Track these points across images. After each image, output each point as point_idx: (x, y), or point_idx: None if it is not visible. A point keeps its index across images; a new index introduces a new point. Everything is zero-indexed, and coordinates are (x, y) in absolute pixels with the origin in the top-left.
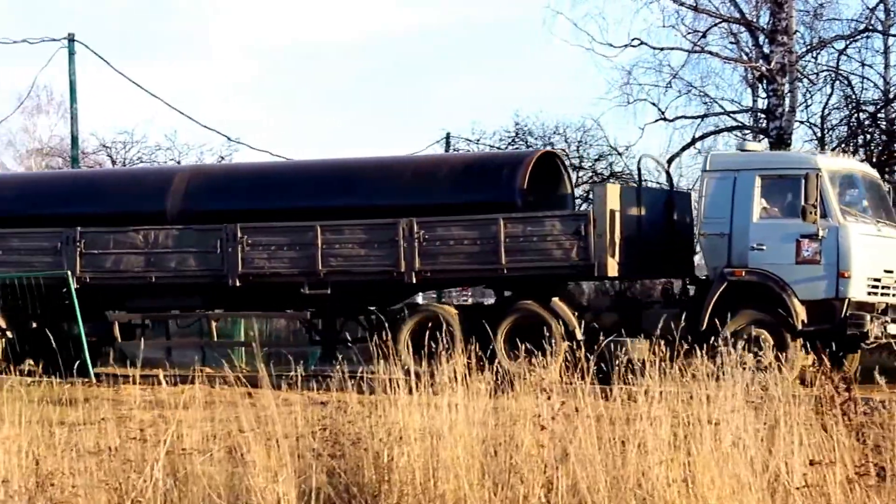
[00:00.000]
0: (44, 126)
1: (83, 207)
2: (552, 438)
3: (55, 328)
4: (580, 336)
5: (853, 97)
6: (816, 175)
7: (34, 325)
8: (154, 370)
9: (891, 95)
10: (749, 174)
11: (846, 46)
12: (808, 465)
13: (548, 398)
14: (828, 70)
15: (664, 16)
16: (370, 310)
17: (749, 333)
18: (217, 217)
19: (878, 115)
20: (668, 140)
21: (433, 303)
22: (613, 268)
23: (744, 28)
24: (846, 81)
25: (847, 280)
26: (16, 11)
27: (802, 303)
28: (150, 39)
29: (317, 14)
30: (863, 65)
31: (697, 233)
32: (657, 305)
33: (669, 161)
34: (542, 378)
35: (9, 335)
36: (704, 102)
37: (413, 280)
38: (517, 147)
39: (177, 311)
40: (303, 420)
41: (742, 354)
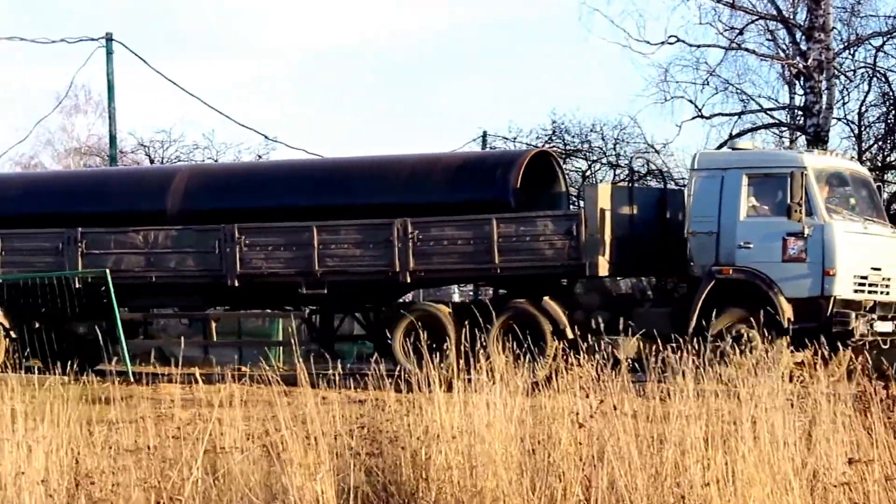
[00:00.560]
0: (82, 125)
1: (86, 207)
2: (590, 436)
3: (59, 327)
4: (570, 334)
5: (890, 94)
6: (802, 173)
7: (37, 325)
8: (192, 369)
9: None
10: (736, 173)
11: (883, 43)
12: (847, 464)
13: (585, 396)
14: (865, 67)
15: (701, 13)
16: (367, 308)
17: (737, 331)
18: (216, 216)
19: None
20: (706, 137)
21: (427, 301)
22: (605, 267)
23: (781, 25)
24: (883, 78)
25: (832, 278)
26: (54, 12)
27: (789, 301)
28: (188, 38)
29: (353, 13)
30: None
31: (686, 231)
32: (648, 304)
33: None
34: (580, 376)
35: (12, 335)
36: (741, 100)
37: (408, 280)
38: (554, 146)
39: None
40: (340, 418)
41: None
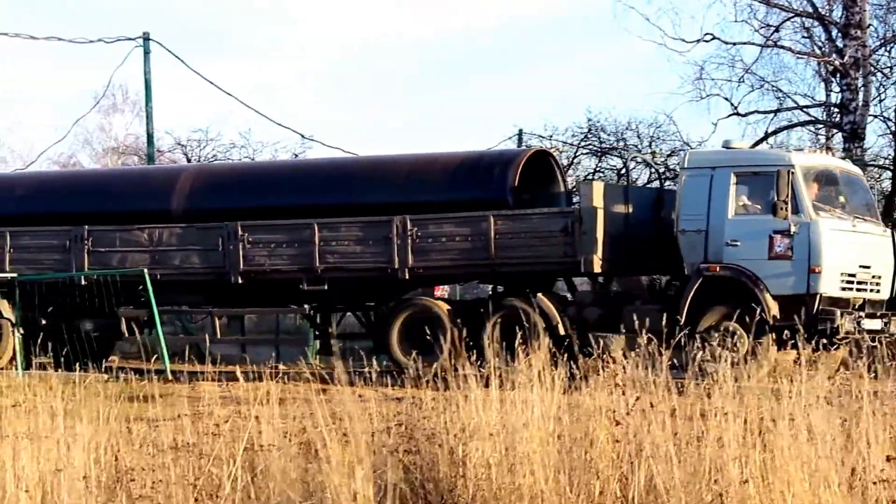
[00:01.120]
0: (119, 124)
1: (93, 206)
2: (627, 434)
3: (65, 324)
4: (562, 331)
5: None
6: (788, 172)
7: (43, 322)
8: (229, 367)
9: None
10: (725, 171)
11: None
12: (886, 461)
13: (622, 393)
14: None
15: (736, 10)
16: (367, 305)
17: (724, 328)
18: (221, 215)
19: None
20: (742, 135)
21: (424, 297)
22: (599, 264)
23: (817, 22)
24: None
25: (818, 275)
26: (91, 11)
27: (775, 298)
28: (224, 37)
29: (390, 11)
30: None
31: (676, 229)
32: (638, 301)
33: None
34: (617, 373)
35: (20, 332)
36: (777, 97)
37: (406, 276)
38: (589, 144)
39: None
40: (377, 416)
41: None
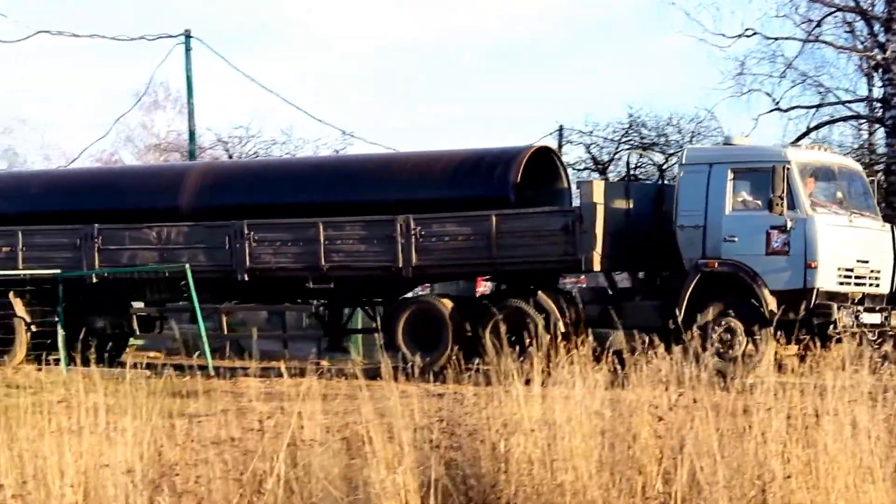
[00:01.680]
0: (161, 121)
1: (104, 204)
2: (670, 429)
3: (77, 322)
4: (562, 328)
5: None
6: (784, 167)
7: (56, 319)
8: (271, 363)
9: None
10: (722, 167)
11: None
12: None
13: (665, 389)
14: None
15: (777, 5)
16: (375, 302)
17: (723, 323)
18: (228, 213)
19: None
20: (783, 130)
21: (428, 295)
22: (599, 262)
23: (859, 17)
24: None
25: (814, 270)
26: (134, 9)
27: (772, 293)
28: (265, 33)
29: (431, 7)
30: None
31: (674, 225)
32: (637, 297)
33: None
34: (659, 369)
35: (34, 329)
36: (819, 92)
37: (410, 274)
38: (630, 140)
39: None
40: (420, 412)
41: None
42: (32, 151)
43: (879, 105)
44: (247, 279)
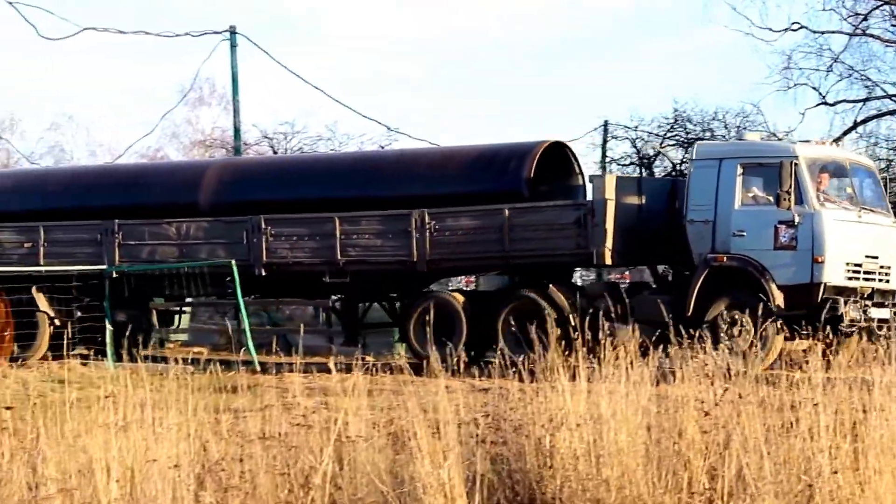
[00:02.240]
0: (207, 118)
1: (124, 200)
2: (715, 425)
3: (97, 317)
4: (573, 322)
5: None
6: (791, 163)
7: (78, 314)
8: (316, 358)
9: None
10: (732, 162)
11: None
12: None
13: (711, 384)
14: None
15: None
16: (391, 296)
17: (731, 317)
18: (247, 208)
19: None
20: (829, 124)
21: (441, 289)
22: (611, 256)
23: None
24: None
25: (821, 265)
26: (179, 6)
27: (780, 287)
28: (310, 28)
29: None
30: None
31: (684, 220)
32: (647, 291)
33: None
34: (705, 364)
35: (56, 323)
36: (866, 86)
37: (425, 268)
38: (676, 134)
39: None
40: (465, 407)
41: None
42: (79, 148)
43: None
44: (264, 274)
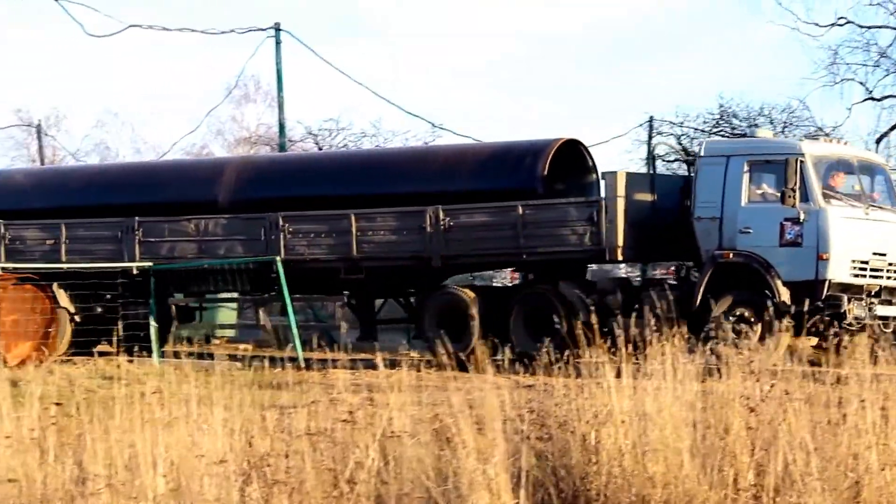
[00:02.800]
0: (251, 114)
1: (144, 197)
2: (762, 421)
3: (117, 313)
4: (583, 317)
5: None
6: (797, 160)
7: (99, 310)
8: (361, 354)
9: None
10: (739, 160)
11: None
12: None
13: (757, 380)
14: None
15: None
16: (406, 293)
17: (738, 314)
18: (265, 205)
19: None
20: (877, 119)
21: (455, 286)
22: (623, 252)
23: None
24: None
25: (826, 262)
26: (224, 3)
27: (786, 284)
28: (355, 24)
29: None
30: None
31: (692, 217)
32: (657, 287)
33: (878, 141)
34: (751, 360)
35: (77, 319)
36: None
37: (440, 264)
38: (721, 131)
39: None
40: (510, 403)
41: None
42: (124, 145)
43: None
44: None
